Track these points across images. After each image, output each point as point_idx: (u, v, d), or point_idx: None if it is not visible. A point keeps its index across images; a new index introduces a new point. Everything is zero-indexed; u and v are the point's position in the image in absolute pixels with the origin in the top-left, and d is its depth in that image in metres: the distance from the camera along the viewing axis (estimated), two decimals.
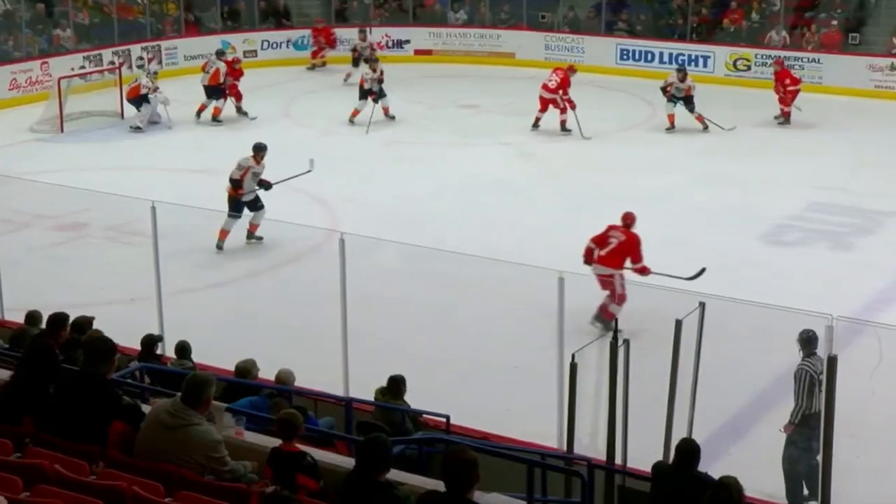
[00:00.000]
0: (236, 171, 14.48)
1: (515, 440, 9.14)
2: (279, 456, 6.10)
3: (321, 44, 26.33)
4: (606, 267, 11.77)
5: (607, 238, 11.92)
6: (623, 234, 11.91)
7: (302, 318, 11.73)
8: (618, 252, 11.82)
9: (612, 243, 11.87)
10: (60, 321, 8.62)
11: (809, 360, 8.60)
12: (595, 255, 11.88)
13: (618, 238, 11.88)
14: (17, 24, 24.02)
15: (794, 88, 20.67)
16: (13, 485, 5.01)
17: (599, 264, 11.83)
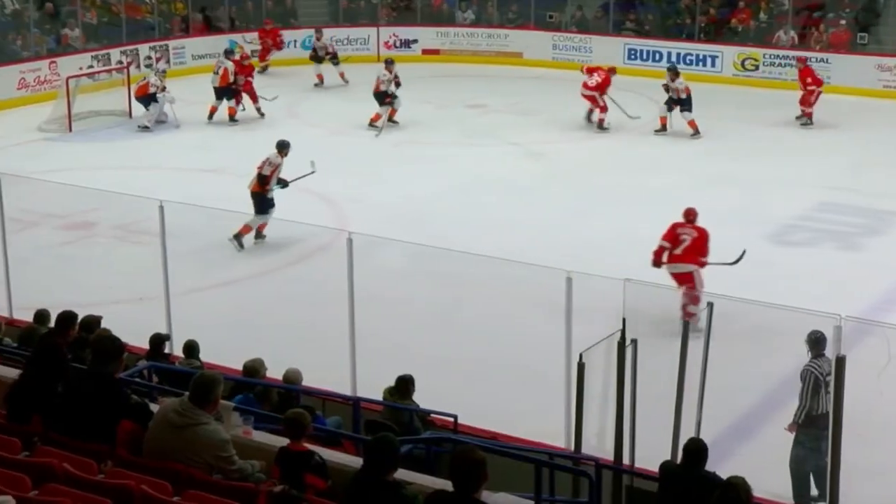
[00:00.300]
0: (267, 167, 14.49)
1: (523, 440, 9.14)
2: (287, 455, 6.11)
3: (268, 45, 25.67)
4: (685, 264, 11.87)
5: (679, 236, 12.00)
6: (694, 229, 12.02)
7: (309, 317, 11.74)
8: (692, 248, 11.92)
9: (686, 240, 11.96)
10: (69, 320, 8.63)
11: (816, 362, 8.59)
12: (668, 255, 11.94)
13: (690, 234, 11.99)
14: (26, 24, 24.08)
15: (812, 89, 20.50)
16: (22, 483, 5.02)
17: (677, 262, 11.91)
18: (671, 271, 11.94)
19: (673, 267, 11.94)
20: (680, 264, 11.92)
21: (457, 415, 9.21)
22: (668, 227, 12.10)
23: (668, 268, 11.95)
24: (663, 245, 11.97)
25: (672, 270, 11.94)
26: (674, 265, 11.95)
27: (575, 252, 13.50)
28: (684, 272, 11.87)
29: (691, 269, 11.88)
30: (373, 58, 27.12)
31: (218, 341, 10.37)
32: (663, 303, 9.22)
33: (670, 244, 11.96)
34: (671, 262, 11.95)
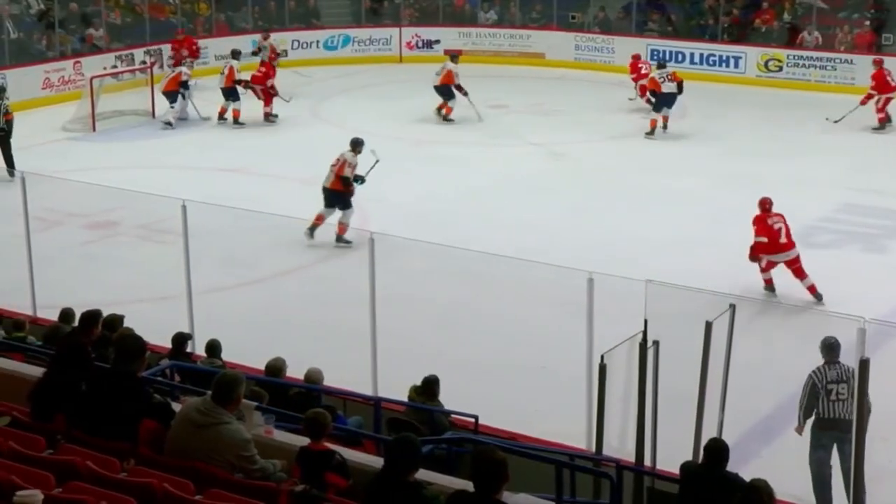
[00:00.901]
0: (347, 168, 14.60)
1: (543, 441, 9.13)
2: (308, 455, 6.12)
3: (182, 56, 23.70)
4: (794, 249, 12.46)
5: (772, 226, 12.49)
6: (779, 217, 12.57)
7: (331, 317, 11.76)
8: (789, 233, 12.50)
9: (782, 227, 12.49)
10: (92, 319, 8.68)
11: (822, 368, 8.60)
12: (772, 246, 12.43)
13: (781, 221, 12.53)
14: (51, 24, 24.22)
15: (872, 93, 20.14)
16: (46, 481, 5.05)
17: (788, 250, 12.45)
18: (785, 259, 12.44)
19: (786, 255, 12.44)
20: (790, 250, 12.45)
21: (477, 415, 9.20)
22: (757, 222, 12.55)
23: (781, 256, 12.45)
24: (760, 241, 12.44)
25: (787, 258, 12.44)
26: (786, 253, 12.45)
27: (596, 253, 13.48)
28: (793, 256, 12.43)
29: (797, 251, 12.45)
30: (395, 58, 27.21)
31: (240, 341, 10.40)
32: (685, 304, 9.16)
33: (770, 237, 12.41)
34: (784, 251, 12.43)
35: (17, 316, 10.79)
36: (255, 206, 13.25)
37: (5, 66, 22.32)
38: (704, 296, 9.05)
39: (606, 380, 8.37)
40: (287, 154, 18.76)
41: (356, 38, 27.41)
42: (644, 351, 8.23)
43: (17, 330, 10.01)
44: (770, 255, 12.51)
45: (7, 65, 22.46)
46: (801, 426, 8.74)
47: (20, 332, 9.94)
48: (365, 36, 27.45)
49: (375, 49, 27.31)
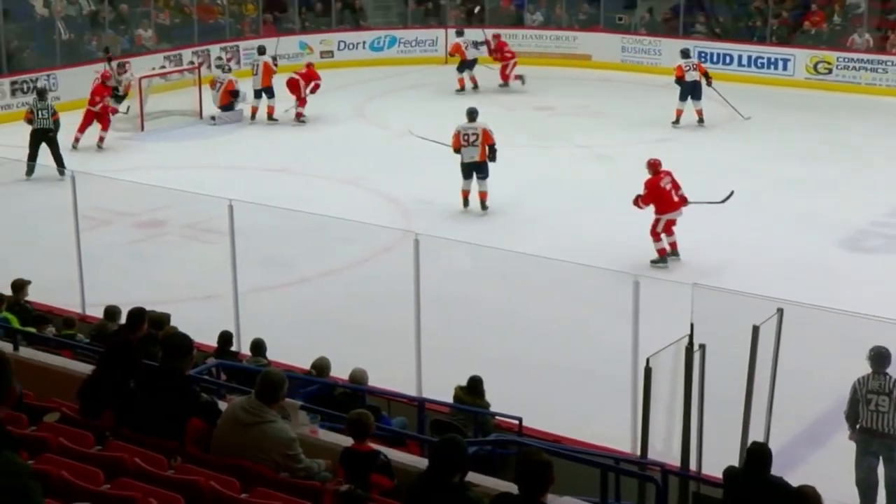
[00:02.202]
0: (491, 133, 15.69)
1: (588, 444, 9.09)
2: (352, 455, 6.12)
3: None
4: (681, 208, 13.55)
5: (664, 187, 13.45)
6: (666, 174, 13.60)
7: (375, 317, 11.78)
8: (676, 188, 13.62)
9: (669, 187, 13.50)
10: (139, 317, 8.75)
11: (865, 376, 8.49)
12: (666, 206, 13.49)
13: (668, 180, 13.55)
14: (101, 25, 24.48)
15: None
16: (95, 477, 5.09)
17: (679, 208, 13.55)
18: (676, 217, 13.40)
19: (675, 214, 13.42)
20: (679, 210, 13.46)
21: (521, 417, 9.19)
22: (649, 186, 13.42)
23: (673, 215, 13.41)
24: (642, 205, 13.47)
25: (678, 216, 13.40)
26: (678, 212, 13.42)
27: (643, 256, 13.41)
28: (678, 216, 13.46)
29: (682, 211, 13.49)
30: (440, 59, 27.21)
31: (284, 340, 10.45)
32: (732, 308, 9.09)
33: (658, 199, 13.37)
34: (674, 210, 13.40)
35: (67, 314, 10.92)
36: (300, 206, 13.35)
37: (56, 67, 22.59)
38: (752, 299, 8.97)
39: (652, 383, 8.32)
40: (332, 154, 18.83)
41: (402, 39, 27.45)
42: (690, 355, 8.18)
43: (67, 327, 10.14)
44: (667, 215, 13.33)
45: (58, 65, 22.73)
46: (852, 433, 8.63)
47: (70, 330, 10.06)
48: (411, 37, 27.48)
49: (421, 50, 27.34)
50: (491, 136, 15.61)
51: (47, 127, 17.66)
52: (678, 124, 20.22)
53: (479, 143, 15.48)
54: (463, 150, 15.59)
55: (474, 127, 15.64)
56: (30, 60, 22.83)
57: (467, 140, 15.56)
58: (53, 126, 17.73)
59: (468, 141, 15.55)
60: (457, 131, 15.71)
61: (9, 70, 21.93)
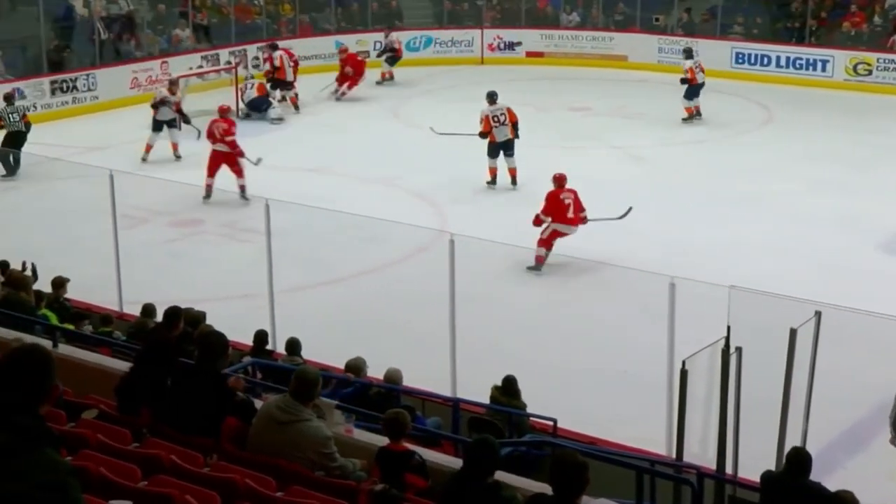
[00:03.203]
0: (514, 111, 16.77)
1: (622, 445, 9.06)
2: (387, 455, 6.13)
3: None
4: (577, 226, 13.58)
5: (563, 201, 13.49)
6: (571, 192, 13.58)
7: (411, 317, 11.79)
8: (577, 209, 13.57)
9: (571, 203, 13.50)
10: (176, 315, 8.81)
11: None
12: (560, 218, 13.51)
13: (571, 197, 13.54)
14: (139, 25, 24.67)
15: None
16: (132, 473, 5.13)
17: (573, 225, 13.56)
18: (569, 233, 13.40)
19: (569, 229, 13.40)
20: (574, 227, 13.43)
21: (556, 418, 9.17)
22: (549, 198, 13.39)
23: (565, 229, 13.40)
24: (542, 217, 13.37)
25: (569, 233, 13.39)
26: (570, 227, 13.41)
27: (678, 257, 13.34)
28: (573, 232, 13.44)
29: (577, 229, 13.49)
30: (476, 60, 27.23)
31: (320, 339, 10.48)
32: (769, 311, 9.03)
33: (553, 212, 13.37)
34: (567, 224, 13.39)
35: (105, 311, 11.01)
36: (336, 206, 13.40)
37: (95, 67, 22.79)
38: (789, 302, 8.90)
39: (688, 386, 8.27)
40: (367, 154, 18.86)
41: (438, 39, 27.48)
42: (727, 357, 8.13)
43: (104, 325, 10.22)
44: (558, 226, 13.38)
45: (97, 65, 22.93)
46: (893, 438, 8.55)
47: (107, 327, 10.15)
48: (447, 37, 27.51)
49: (457, 51, 27.36)
50: (514, 113, 16.85)
51: (19, 129, 18.08)
52: (691, 121, 20.54)
53: (508, 122, 16.67)
54: (495, 130, 16.61)
55: (500, 107, 16.78)
56: (70, 61, 23.04)
57: (497, 121, 16.64)
58: (25, 128, 18.14)
59: (499, 121, 16.64)
60: (485, 115, 16.72)
61: (49, 70, 22.13)
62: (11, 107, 18.37)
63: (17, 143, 18.06)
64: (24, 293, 10.04)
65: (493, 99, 16.97)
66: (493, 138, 16.74)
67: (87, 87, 22.35)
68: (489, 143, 16.75)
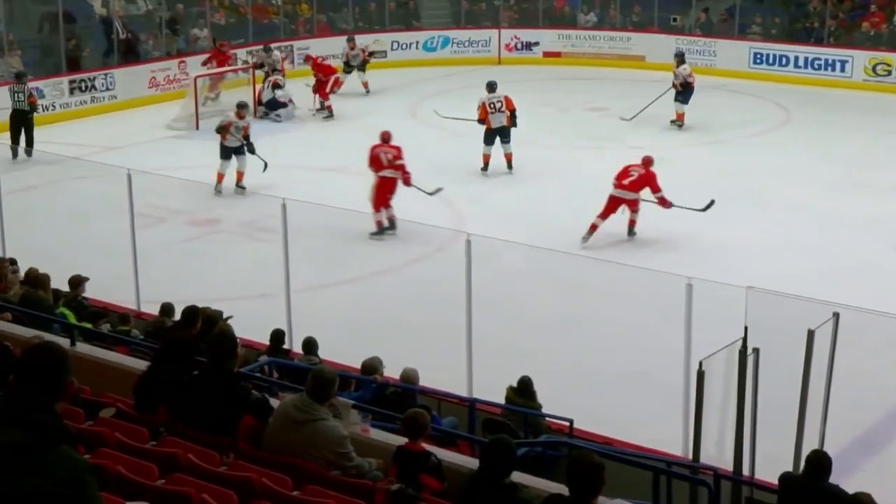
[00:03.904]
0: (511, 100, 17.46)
1: (639, 447, 9.04)
2: (404, 455, 6.13)
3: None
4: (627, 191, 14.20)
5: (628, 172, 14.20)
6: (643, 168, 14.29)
7: (427, 317, 11.80)
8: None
9: (633, 175, 14.16)
10: (194, 315, 8.84)
11: None
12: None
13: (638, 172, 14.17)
14: (157, 24, 24.75)
15: None
16: (150, 472, 5.14)
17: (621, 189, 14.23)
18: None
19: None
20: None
21: (572, 419, 9.15)
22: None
23: None
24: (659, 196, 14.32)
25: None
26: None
27: (697, 258, 13.32)
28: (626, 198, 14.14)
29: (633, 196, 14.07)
30: (493, 60, 27.22)
31: (336, 339, 10.50)
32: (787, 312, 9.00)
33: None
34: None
35: (123, 310, 11.05)
36: (353, 205, 13.41)
37: (114, 66, 22.87)
38: (807, 303, 8.87)
39: (705, 387, 8.25)
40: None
41: (455, 39, 27.49)
42: (744, 358, 8.11)
43: (122, 323, 10.26)
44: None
45: (115, 64, 23.02)
46: None
47: (125, 326, 10.18)
48: (464, 37, 27.51)
49: (474, 51, 27.35)
50: (512, 102, 17.51)
51: (22, 108, 18.51)
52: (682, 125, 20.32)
53: (504, 110, 17.40)
54: (491, 116, 17.36)
55: (497, 96, 17.53)
56: (88, 60, 23.14)
57: (494, 108, 17.42)
58: (29, 108, 18.54)
59: (495, 108, 17.42)
60: (482, 102, 17.53)
61: (67, 69, 22.23)
62: (20, 85, 18.79)
63: (21, 122, 18.48)
64: (43, 291, 10.10)
65: (493, 88, 17.67)
66: (488, 125, 17.44)
67: (106, 87, 22.44)
68: (486, 130, 17.49)
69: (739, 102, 22.46)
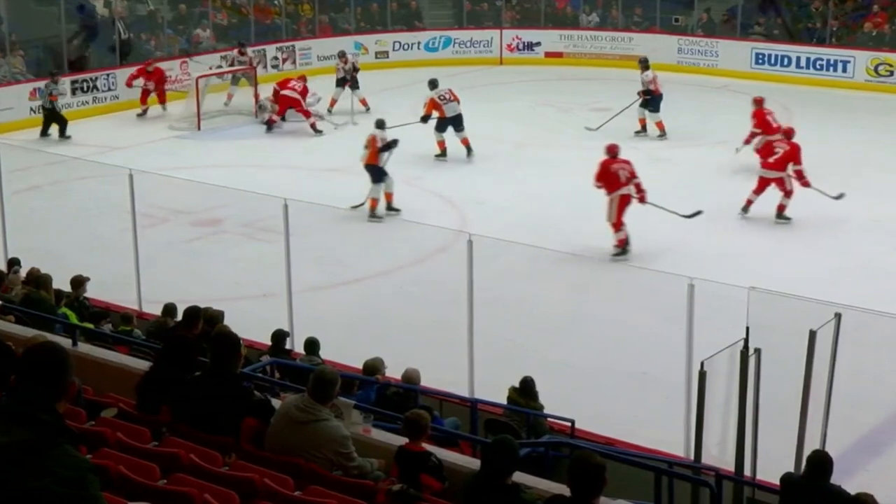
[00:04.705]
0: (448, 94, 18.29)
1: (641, 447, 9.04)
2: (405, 455, 6.13)
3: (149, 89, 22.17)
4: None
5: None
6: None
7: (429, 317, 11.80)
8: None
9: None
10: (196, 315, 8.85)
11: None
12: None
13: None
14: (160, 25, 24.76)
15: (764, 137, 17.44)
16: (151, 472, 5.14)
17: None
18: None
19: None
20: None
21: (573, 419, 9.15)
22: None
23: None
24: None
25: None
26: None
27: (699, 258, 13.31)
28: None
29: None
30: (495, 60, 27.22)
31: (338, 339, 10.50)
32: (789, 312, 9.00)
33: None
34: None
35: (125, 310, 11.05)
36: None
37: (115, 67, 22.89)
38: (809, 304, 8.87)
39: (706, 387, 8.25)
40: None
41: (457, 39, 27.49)
42: (745, 359, 8.11)
43: (125, 323, 10.27)
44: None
45: (117, 65, 23.03)
46: None
47: (127, 326, 10.19)
48: (466, 38, 27.51)
49: (476, 51, 27.35)
50: (456, 94, 18.61)
51: (44, 105, 19.96)
52: (665, 137, 19.88)
53: (454, 100, 18.42)
54: (445, 106, 18.31)
55: (443, 89, 18.56)
56: (90, 60, 23.14)
57: (444, 99, 18.39)
58: (49, 105, 19.82)
59: (446, 99, 18.39)
60: (429, 98, 18.43)
61: (69, 70, 22.24)
62: (51, 85, 19.84)
63: (48, 119, 19.82)
64: (45, 292, 10.11)
65: (435, 84, 18.66)
66: (443, 114, 18.32)
67: (108, 87, 22.46)
68: (439, 120, 18.32)
69: (742, 103, 22.38)
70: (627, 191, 14.07)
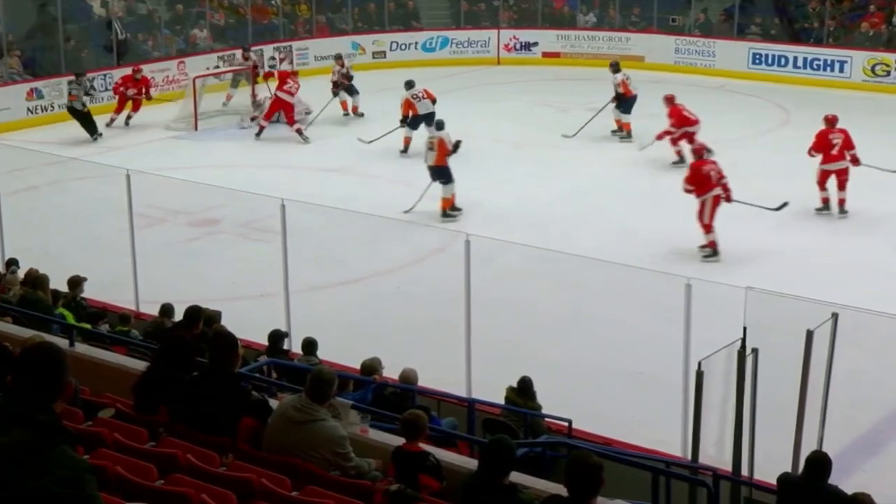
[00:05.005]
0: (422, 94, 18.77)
1: (638, 447, 9.04)
2: (402, 455, 6.14)
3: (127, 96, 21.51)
4: (844, 160, 15.09)
5: (831, 140, 14.98)
6: (841, 132, 15.25)
7: (427, 317, 11.80)
8: (843, 148, 15.13)
9: (839, 143, 15.01)
10: (196, 315, 8.84)
11: None
12: (826, 158, 15.13)
13: (841, 136, 15.16)
14: (157, 25, 24.75)
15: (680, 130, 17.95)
16: (149, 472, 5.14)
17: (837, 161, 15.12)
18: (833, 169, 15.20)
19: (834, 165, 15.23)
20: (839, 162, 15.16)
21: (571, 419, 9.16)
22: (818, 136, 15.19)
23: (830, 166, 15.18)
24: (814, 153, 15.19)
25: (834, 168, 15.25)
26: (835, 164, 15.10)
27: (696, 258, 13.33)
28: (842, 167, 15.14)
29: (846, 164, 15.06)
30: (492, 60, 27.23)
31: (335, 339, 10.50)
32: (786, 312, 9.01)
33: (822, 149, 15.19)
34: (831, 162, 15.11)
35: (122, 310, 11.05)
36: (353, 206, 13.40)
37: (112, 67, 22.87)
38: (806, 304, 8.87)
39: (704, 387, 8.25)
40: (385, 154, 18.87)
41: (454, 39, 27.49)
42: (742, 359, 8.11)
43: (122, 324, 10.26)
44: (823, 165, 14.70)
45: (114, 65, 23.01)
46: None
47: (125, 327, 10.18)
48: (463, 38, 27.51)
49: (473, 51, 27.36)
50: (432, 93, 18.99)
51: (69, 105, 20.14)
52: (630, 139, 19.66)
53: (427, 98, 18.80)
54: (417, 104, 18.68)
55: (418, 89, 18.90)
56: (87, 60, 23.12)
57: (418, 97, 18.78)
58: (69, 103, 20.05)
59: (418, 98, 18.78)
60: (404, 98, 18.80)
61: (66, 70, 22.21)
62: (72, 84, 20.16)
63: (75, 118, 19.96)
64: (42, 292, 10.10)
65: (411, 85, 18.96)
66: (415, 112, 18.67)
67: (104, 87, 22.43)
68: (412, 117, 18.68)
69: (738, 103, 22.46)
70: (718, 191, 13.92)
